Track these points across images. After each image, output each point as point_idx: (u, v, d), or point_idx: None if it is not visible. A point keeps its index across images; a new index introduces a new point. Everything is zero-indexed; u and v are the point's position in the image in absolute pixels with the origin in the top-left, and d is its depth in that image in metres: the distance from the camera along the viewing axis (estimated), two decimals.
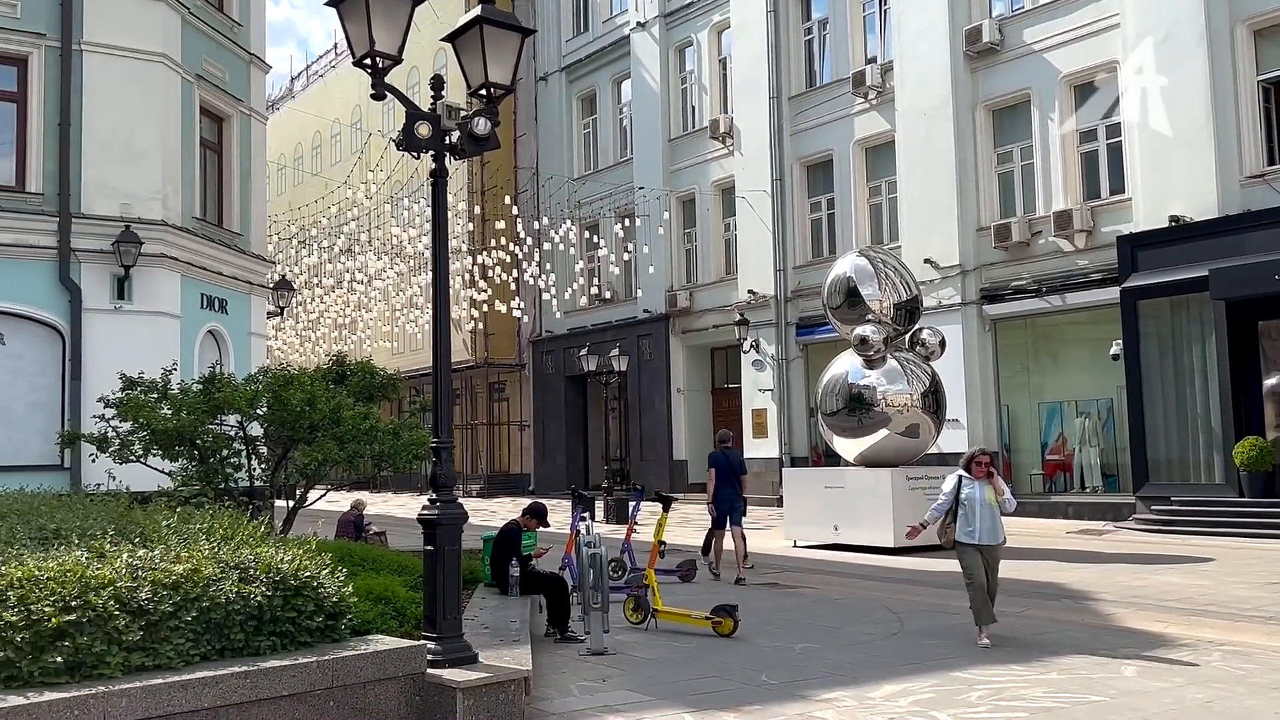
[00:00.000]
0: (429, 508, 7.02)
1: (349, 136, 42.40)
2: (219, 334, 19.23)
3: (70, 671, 5.49)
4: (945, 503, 9.45)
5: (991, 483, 9.36)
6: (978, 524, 9.28)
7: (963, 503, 9.34)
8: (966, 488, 9.37)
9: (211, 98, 19.33)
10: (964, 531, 9.32)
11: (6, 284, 16.38)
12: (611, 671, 8.42)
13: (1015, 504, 9.65)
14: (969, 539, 9.31)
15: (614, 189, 32.66)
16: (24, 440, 16.47)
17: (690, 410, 31.47)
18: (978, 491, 9.33)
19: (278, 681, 5.96)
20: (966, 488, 9.37)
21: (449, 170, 7.56)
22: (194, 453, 12.12)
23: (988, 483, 9.36)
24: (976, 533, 9.28)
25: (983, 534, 9.30)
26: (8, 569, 5.78)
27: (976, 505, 9.29)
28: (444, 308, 7.33)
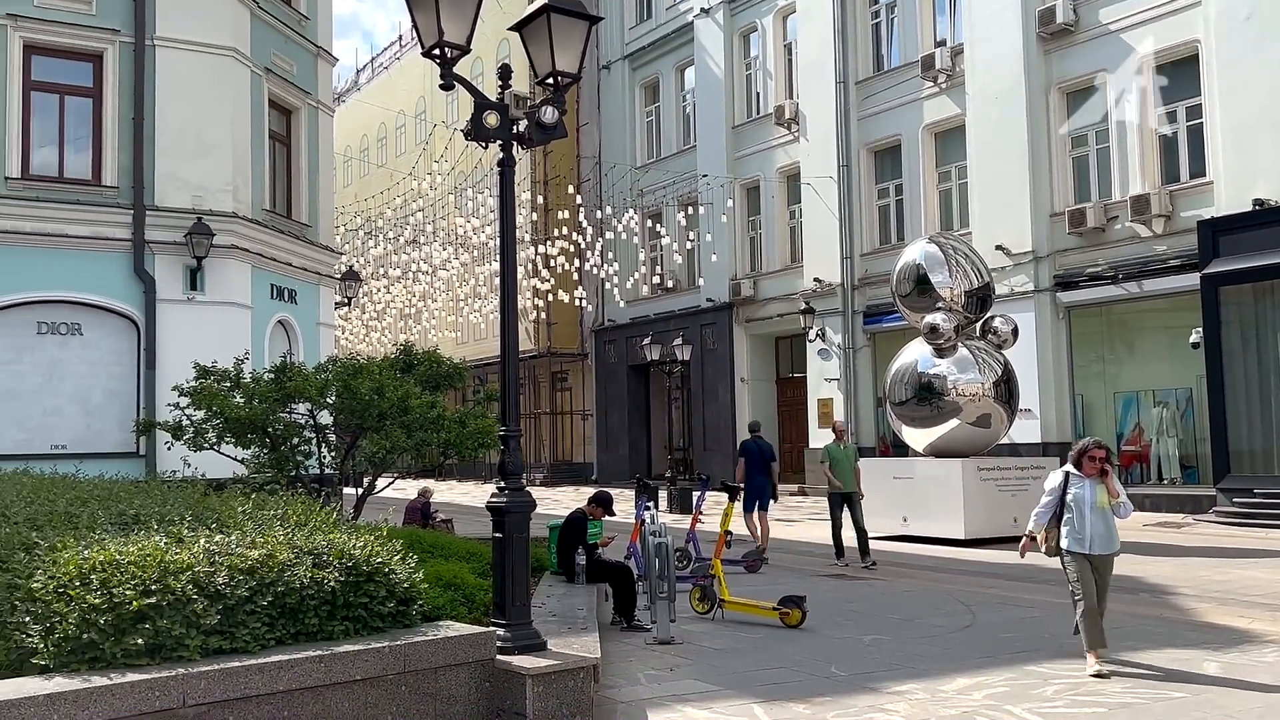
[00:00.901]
0: (497, 495, 7.02)
1: (414, 128, 42.79)
2: (288, 324, 19.53)
3: (151, 654, 5.58)
4: (1050, 505, 8.18)
5: (1105, 482, 8.02)
6: (1088, 530, 7.98)
7: (1069, 504, 8.06)
8: (1075, 486, 8.08)
9: (280, 90, 19.59)
10: (1072, 538, 8.04)
11: (84, 276, 16.78)
12: (679, 661, 8.38)
13: (1131, 510, 8.21)
14: (1078, 547, 8.01)
15: (677, 177, 32.54)
16: (102, 428, 16.89)
17: (754, 400, 31.27)
18: (1088, 492, 8.03)
19: (351, 666, 6.02)
20: (1075, 486, 8.08)
21: (515, 160, 7.55)
22: (265, 440, 12.32)
23: (1100, 482, 8.03)
24: (1087, 540, 7.97)
25: (1094, 541, 7.98)
26: (90, 553, 5.89)
27: (1086, 508, 7.99)
28: (511, 296, 7.32)
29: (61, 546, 6.00)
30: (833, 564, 14.14)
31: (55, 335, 16.82)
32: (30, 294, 16.50)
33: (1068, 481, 8.13)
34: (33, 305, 16.60)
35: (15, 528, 6.57)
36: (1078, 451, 8.19)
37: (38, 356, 16.68)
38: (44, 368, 16.70)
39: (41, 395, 16.61)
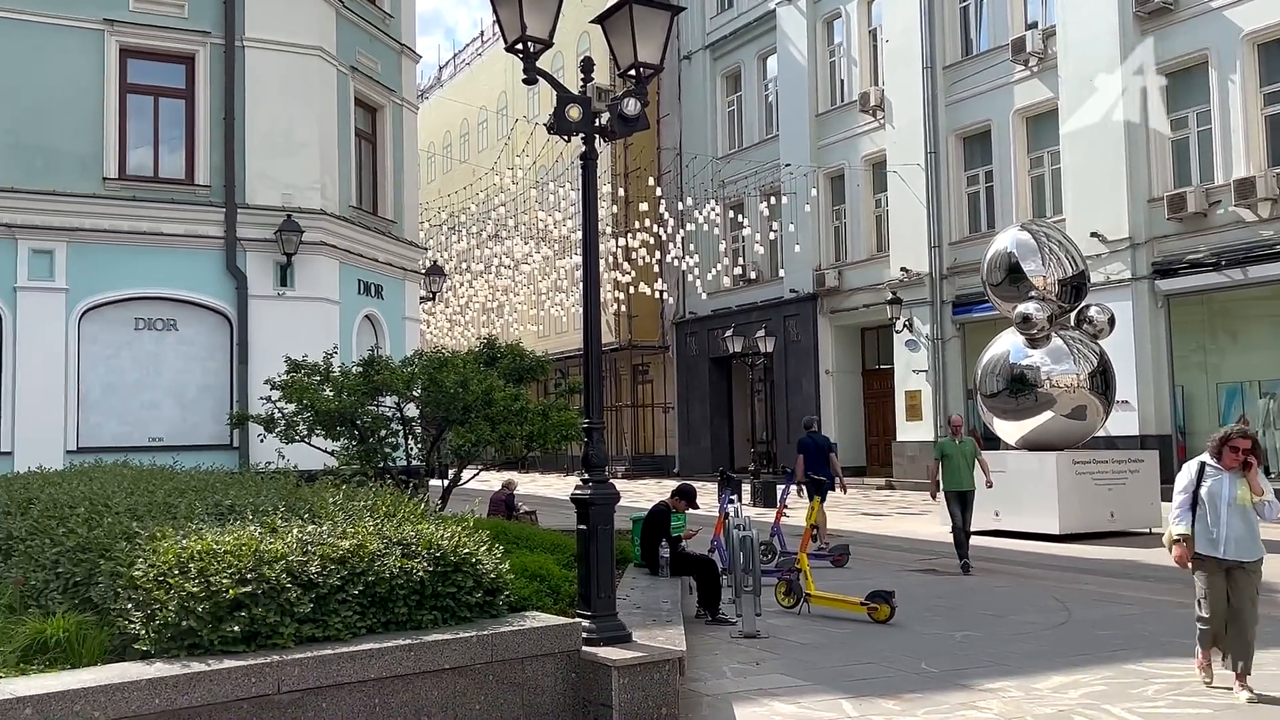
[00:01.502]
0: (581, 487, 7.01)
1: (495, 123, 43.18)
2: (375, 318, 19.83)
3: (246, 640, 5.69)
4: (1185, 502, 7.09)
5: (1247, 476, 6.93)
6: (1222, 530, 6.91)
7: (1202, 499, 7.00)
8: (1211, 479, 7.01)
9: (365, 88, 19.88)
10: (1204, 539, 6.99)
11: (178, 273, 17.24)
12: (765, 655, 8.30)
13: (1279, 510, 6.95)
14: (1210, 549, 6.95)
15: (759, 167, 32.26)
16: (197, 421, 17.35)
17: (839, 392, 30.89)
18: (1225, 486, 6.95)
19: (440, 655, 6.06)
20: (1211, 479, 7.01)
21: (597, 153, 7.53)
22: (354, 433, 12.52)
23: (1241, 476, 6.94)
24: (1221, 541, 6.91)
25: (1229, 544, 6.90)
26: (189, 542, 6.03)
27: (1222, 505, 6.92)
28: (594, 289, 7.30)
29: (161, 536, 6.15)
30: (923, 559, 13.88)
31: (152, 331, 17.32)
32: (128, 291, 17.00)
33: (1202, 473, 7.07)
34: (130, 302, 17.10)
35: (117, 518, 6.76)
36: (1218, 440, 7.06)
37: (135, 352, 17.19)
38: (142, 362, 17.20)
39: (139, 389, 17.12)
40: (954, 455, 13.05)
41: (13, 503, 8.03)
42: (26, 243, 16.31)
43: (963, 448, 13.12)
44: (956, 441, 13.23)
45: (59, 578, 6.51)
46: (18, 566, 6.90)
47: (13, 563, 7.02)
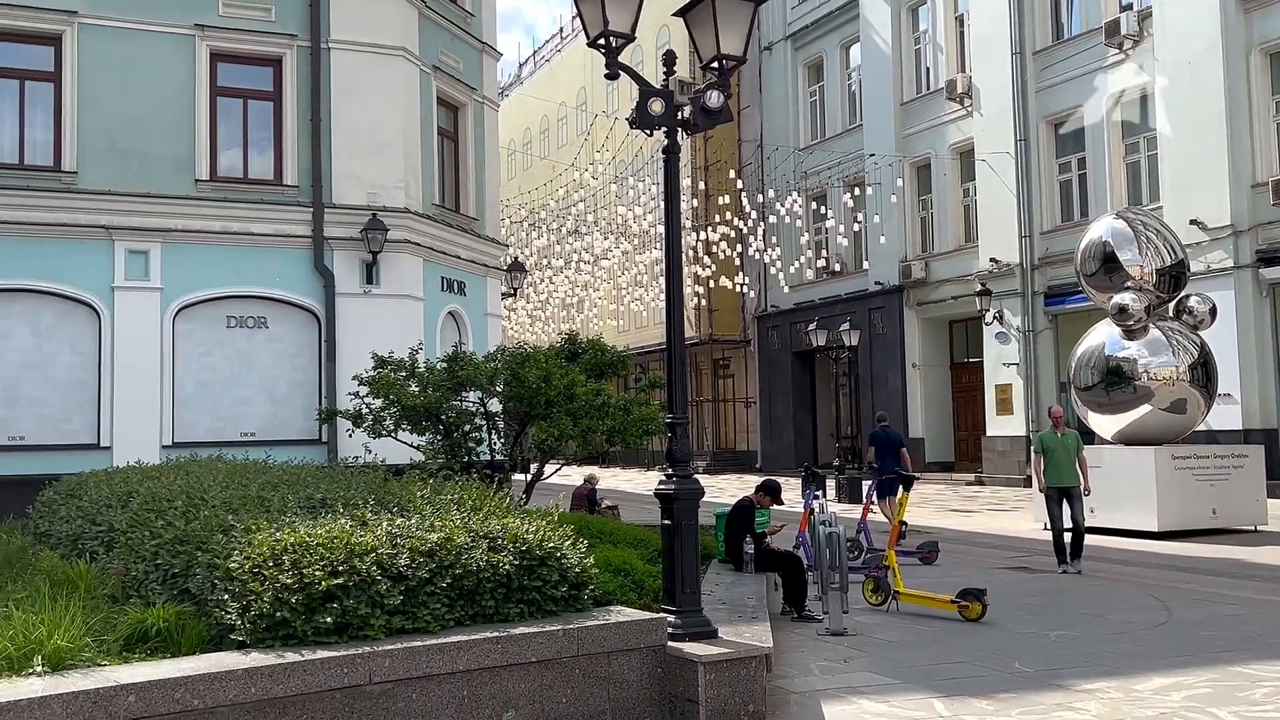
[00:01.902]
0: (665, 482, 6.97)
1: (575, 119, 43.35)
2: (458, 315, 20.04)
3: (339, 632, 5.77)
4: None
5: None
6: None
7: None
8: None
9: (447, 87, 20.09)
10: None
11: (268, 271, 17.62)
12: (852, 653, 8.18)
13: None
14: None
15: (842, 157, 31.82)
16: (287, 416, 17.72)
17: (926, 386, 30.32)
18: None
19: (527, 648, 6.08)
20: None
21: (680, 146, 7.48)
22: (439, 427, 12.66)
23: None
24: None
25: None
26: (282, 535, 6.13)
27: None
28: (677, 283, 7.24)
29: (255, 529, 6.27)
30: (1015, 556, 13.56)
31: (243, 329, 17.73)
32: (220, 290, 17.42)
33: None
34: (222, 300, 17.53)
35: (213, 511, 6.91)
36: None
37: (227, 349, 17.62)
38: (233, 359, 17.63)
39: (231, 386, 17.54)
40: (1055, 449, 12.37)
41: (114, 496, 8.27)
42: (123, 243, 16.81)
43: (1065, 441, 12.44)
44: (1058, 434, 12.53)
45: (158, 569, 6.68)
46: (119, 558, 7.10)
47: (114, 554, 7.23)
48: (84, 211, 16.59)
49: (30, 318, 16.45)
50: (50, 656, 5.33)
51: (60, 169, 16.66)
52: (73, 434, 16.45)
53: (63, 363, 16.57)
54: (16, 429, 16.19)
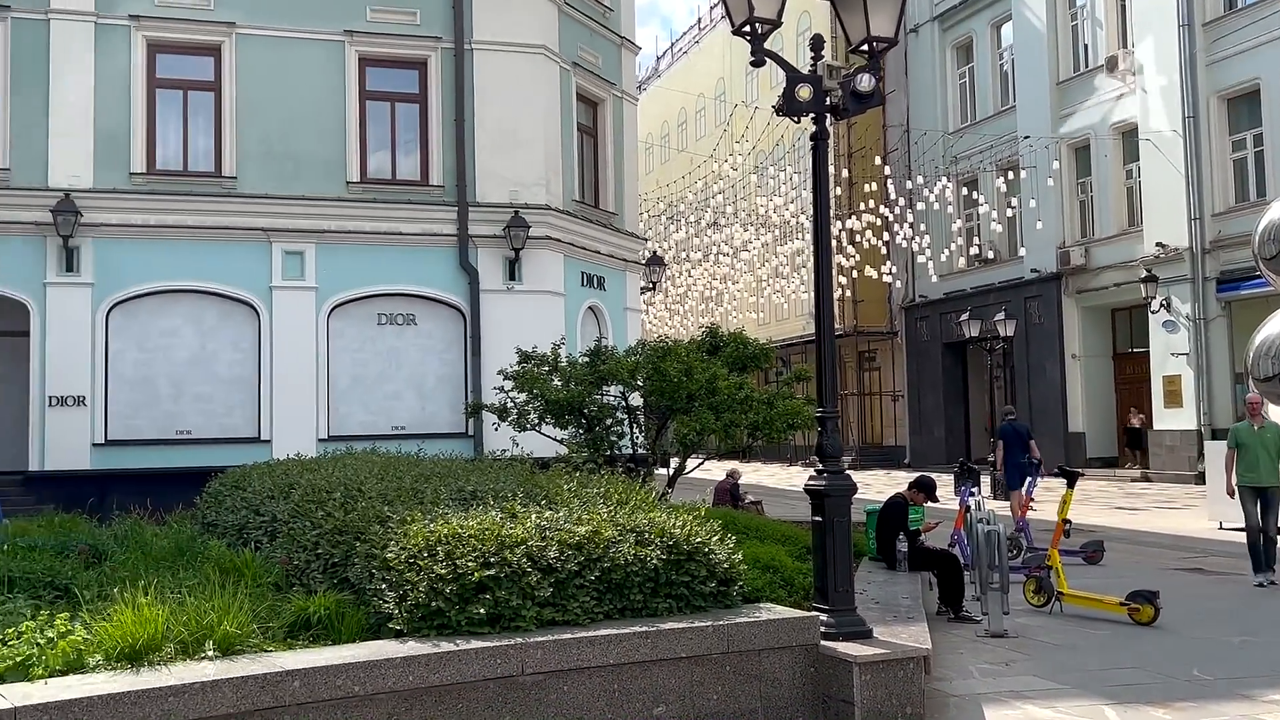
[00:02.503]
0: (816, 478, 6.80)
1: (713, 110, 43.10)
2: (598, 309, 20.17)
3: (491, 623, 5.82)
4: None
5: None
6: None
7: None
8: None
9: (586, 83, 20.23)
10: None
11: (417, 270, 18.08)
12: (1014, 655, 7.84)
13: None
14: None
15: (994, 140, 30.64)
16: (435, 410, 18.16)
17: (1087, 377, 28.91)
18: None
19: (676, 643, 6.02)
20: None
21: (828, 133, 7.28)
22: (581, 421, 12.72)
23: None
24: None
25: None
26: (436, 526, 6.22)
27: None
28: (827, 272, 7.04)
29: (410, 520, 6.37)
30: (1187, 557, 12.82)
31: (393, 325, 18.25)
32: (370, 289, 17.98)
33: None
34: (373, 299, 18.09)
35: (370, 502, 7.06)
36: None
37: (379, 345, 18.17)
38: (384, 355, 18.16)
39: (382, 381, 18.08)
40: (1251, 444, 11.07)
41: (276, 487, 8.56)
42: (280, 245, 17.50)
43: (1263, 435, 11.08)
44: (1255, 428, 11.13)
45: (319, 558, 6.87)
46: (282, 547, 7.33)
47: (277, 543, 7.47)
48: (243, 215, 17.33)
49: (195, 317, 17.28)
50: (220, 642, 5.52)
51: (221, 174, 17.44)
52: (235, 428, 17.22)
53: (225, 360, 17.36)
54: (184, 423, 17.04)
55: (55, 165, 16.58)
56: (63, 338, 16.43)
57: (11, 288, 16.45)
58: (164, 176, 17.27)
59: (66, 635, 5.42)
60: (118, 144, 16.94)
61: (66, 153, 16.64)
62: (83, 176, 16.69)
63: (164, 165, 17.40)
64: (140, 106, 17.13)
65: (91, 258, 16.69)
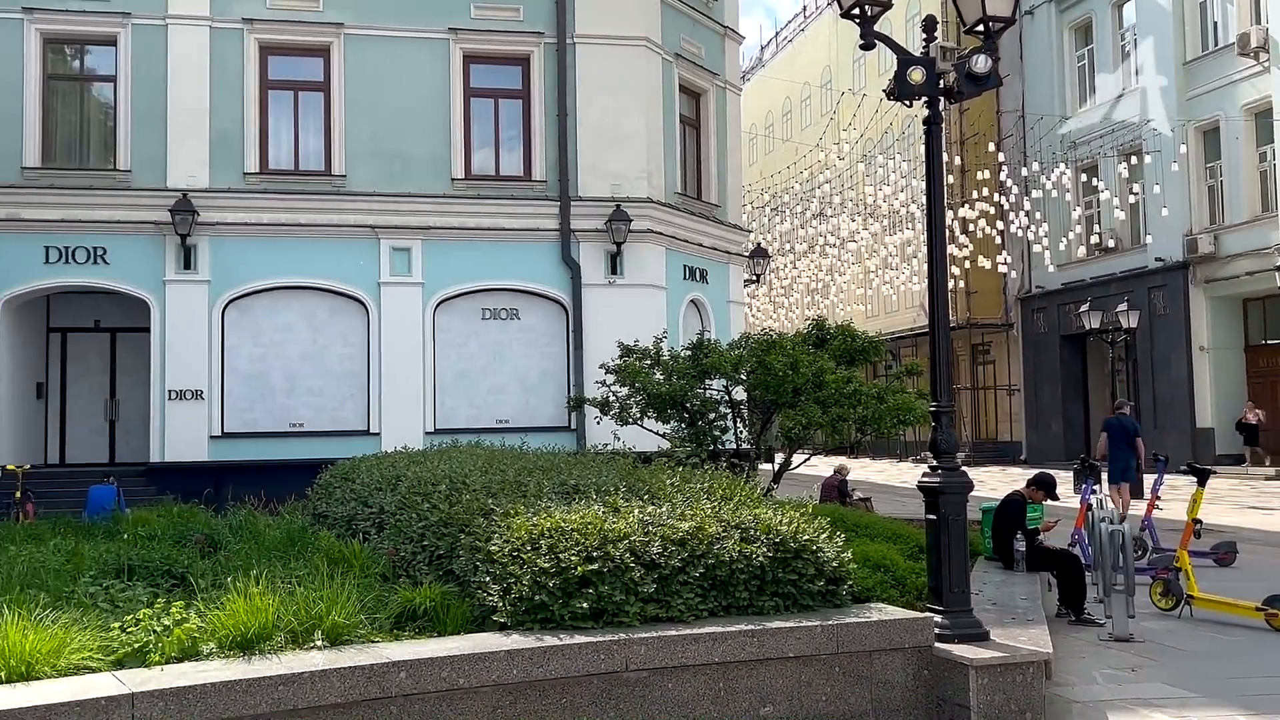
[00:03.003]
0: (931, 474, 6.56)
1: (819, 99, 42.49)
2: (700, 303, 20.01)
3: (594, 617, 5.75)
4: None
5: None
6: None
7: None
8: None
9: (689, 74, 20.06)
10: None
11: (519, 265, 18.17)
12: (1141, 661, 7.46)
13: None
14: None
15: (1116, 125, 29.45)
16: (538, 404, 18.25)
17: (1216, 371, 27.56)
18: None
19: (784, 642, 5.86)
20: None
21: (942, 117, 7.01)
22: (684, 415, 12.59)
23: None
24: None
25: None
26: (539, 519, 6.18)
27: None
28: (941, 261, 6.78)
29: (514, 513, 6.35)
30: None
31: (497, 320, 18.38)
32: (475, 284, 18.12)
33: None
34: (477, 294, 18.23)
35: (474, 495, 7.07)
36: None
37: (483, 340, 18.32)
38: (488, 350, 18.31)
39: (487, 375, 18.23)
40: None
41: (383, 480, 8.67)
42: (388, 241, 17.77)
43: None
44: None
45: (425, 550, 6.90)
46: (389, 539, 7.40)
47: (384, 535, 7.55)
48: (352, 212, 17.65)
49: (306, 313, 17.67)
50: (329, 631, 5.57)
51: (330, 173, 17.79)
52: (345, 421, 17.56)
53: (336, 354, 17.72)
54: (297, 416, 17.45)
55: (173, 166, 17.13)
56: (181, 333, 16.97)
57: (133, 285, 17.06)
58: (276, 176, 17.69)
59: (182, 623, 5.53)
60: (232, 145, 17.42)
61: (184, 154, 17.17)
62: (199, 177, 17.20)
63: (276, 165, 17.82)
64: (253, 107, 17.57)
65: (208, 256, 17.19)
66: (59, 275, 16.95)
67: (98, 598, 6.31)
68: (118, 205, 17.00)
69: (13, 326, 17.17)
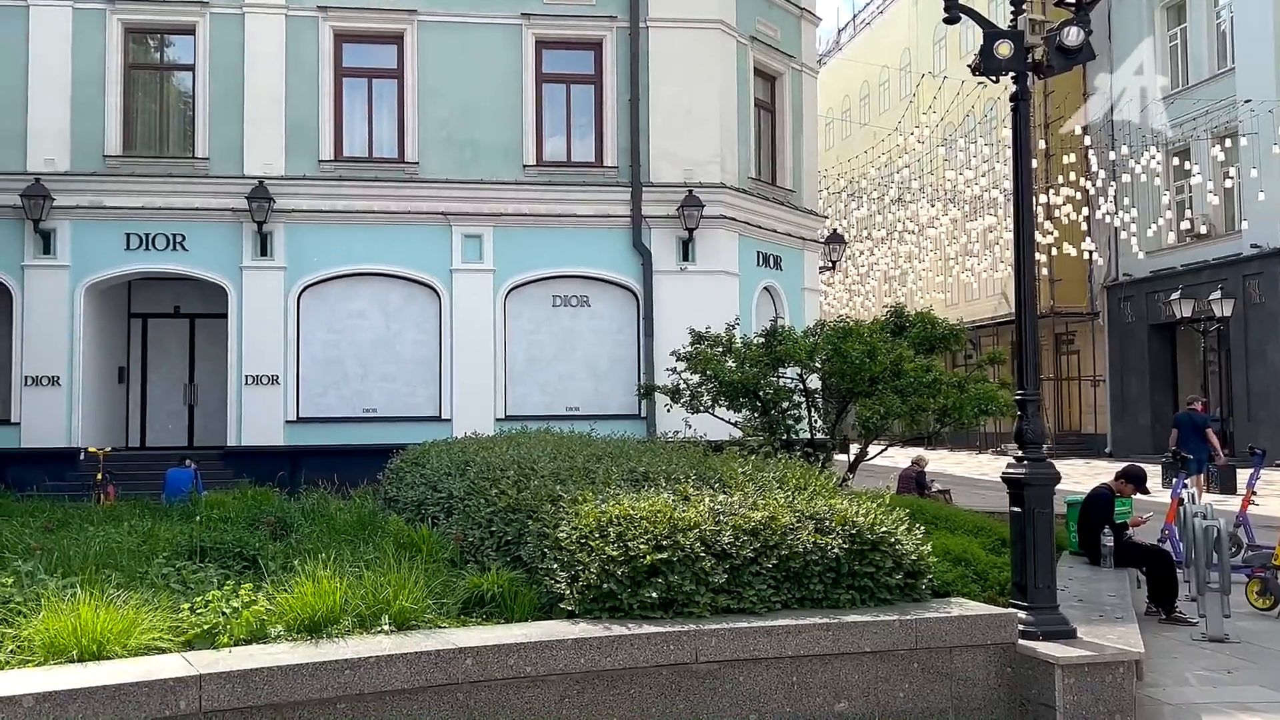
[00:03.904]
0: (1015, 466, 6.28)
1: (897, 82, 41.58)
2: (774, 290, 19.72)
3: (663, 607, 5.61)
4: None
5: None
6: None
7: None
8: None
9: (764, 57, 19.74)
10: None
11: (590, 251, 18.07)
12: (1236, 662, 7.10)
13: None
14: None
15: (1210, 106, 28.27)
16: (608, 392, 18.15)
17: None
18: None
19: (860, 637, 5.67)
20: None
21: (1030, 93, 6.70)
22: (756, 404, 12.38)
23: None
24: None
25: None
26: (608, 507, 6.05)
27: None
28: (1029, 244, 6.50)
29: (582, 500, 6.23)
30: None
31: (567, 307, 18.32)
32: (546, 271, 18.06)
33: None
34: (548, 280, 18.18)
35: (542, 481, 6.97)
36: None
37: (553, 327, 18.27)
38: (559, 337, 18.25)
39: (557, 362, 18.18)
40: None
41: (453, 465, 8.62)
42: (459, 228, 17.80)
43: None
44: None
45: (492, 535, 6.82)
46: (457, 524, 7.34)
47: (453, 520, 7.49)
48: (425, 199, 17.71)
49: (379, 299, 17.79)
50: (396, 616, 5.51)
51: (404, 160, 17.86)
52: (417, 407, 17.65)
53: (408, 340, 17.81)
54: (369, 402, 17.58)
55: (250, 154, 17.34)
56: (257, 319, 17.20)
57: (211, 271, 17.33)
58: (350, 163, 17.81)
59: (250, 605, 5.52)
60: (307, 132, 17.57)
61: (260, 141, 17.37)
62: (275, 164, 17.39)
63: (350, 152, 17.95)
64: (328, 95, 17.71)
65: (283, 242, 17.39)
66: (139, 261, 17.28)
67: (170, 579, 6.35)
68: (196, 192, 17.27)
69: (95, 312, 17.55)
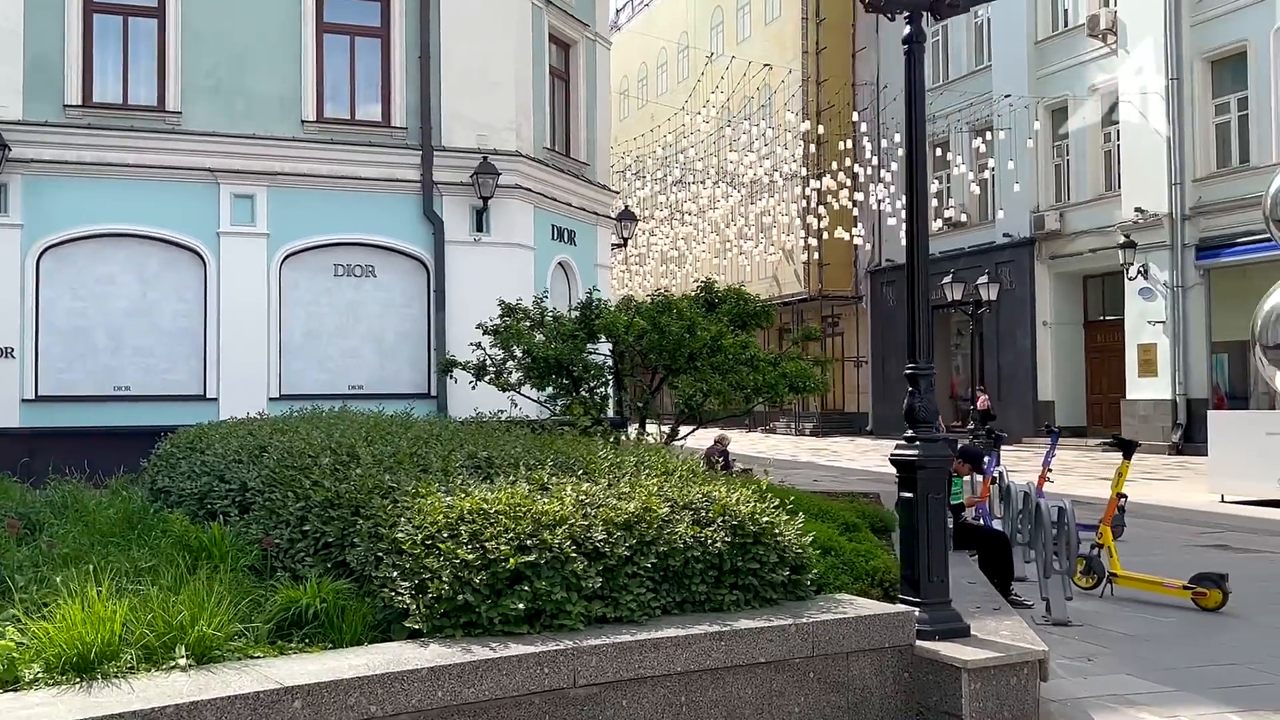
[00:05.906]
0: (906, 447, 5.79)
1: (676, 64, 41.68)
2: (567, 265, 18.98)
3: (530, 620, 4.75)
4: None
5: None
6: None
7: None
8: None
9: (559, 23, 18.91)
10: None
11: (376, 218, 16.71)
12: (1091, 648, 6.96)
13: None
14: None
15: (971, 100, 29.75)
16: (395, 369, 16.90)
17: (1058, 345, 28.36)
18: None
19: (753, 646, 4.99)
20: None
21: (924, 34, 6.23)
22: (564, 381, 11.67)
23: None
24: None
25: None
26: (456, 500, 5.12)
27: None
28: (922, 192, 6.00)
29: (425, 493, 5.26)
30: (1206, 532, 12.13)
31: (350, 277, 16.88)
32: (327, 237, 16.54)
33: None
34: (329, 248, 16.65)
35: (367, 469, 5.91)
36: None
37: (335, 299, 16.77)
38: (341, 310, 16.78)
39: (339, 336, 16.72)
40: None
41: (243, 450, 7.34)
42: (229, 187, 16.02)
43: None
44: None
45: (306, 536, 5.71)
46: (258, 522, 6.14)
47: (251, 517, 6.27)
48: (188, 154, 15.82)
49: (135, 264, 15.76)
50: (195, 645, 4.39)
51: (164, 108, 15.87)
52: (178, 384, 15.80)
53: (168, 310, 15.89)
54: (122, 379, 15.57)
55: None
56: None
57: None
58: (101, 111, 15.63)
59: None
60: (50, 73, 15.28)
61: None
62: (10, 107, 15.02)
63: (101, 98, 15.76)
64: (75, 33, 15.46)
65: (20, 196, 15.07)
66: None
67: None
68: None
69: None
